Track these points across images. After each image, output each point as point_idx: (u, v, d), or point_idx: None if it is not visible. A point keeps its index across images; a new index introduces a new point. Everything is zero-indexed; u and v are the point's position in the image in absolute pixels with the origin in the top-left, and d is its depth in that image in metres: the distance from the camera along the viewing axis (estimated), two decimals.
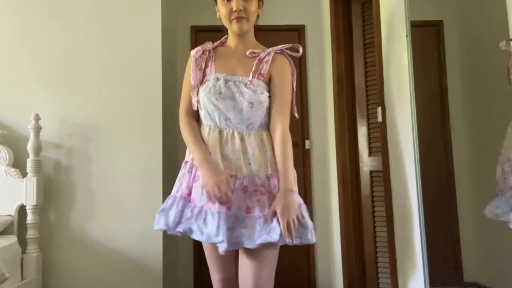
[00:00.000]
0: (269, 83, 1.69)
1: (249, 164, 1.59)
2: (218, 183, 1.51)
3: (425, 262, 1.95)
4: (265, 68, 1.67)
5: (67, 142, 2.79)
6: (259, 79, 1.66)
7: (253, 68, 1.66)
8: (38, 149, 2.64)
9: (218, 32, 1.78)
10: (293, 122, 1.71)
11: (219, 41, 1.78)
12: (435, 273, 1.97)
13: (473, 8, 2.20)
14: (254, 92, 1.63)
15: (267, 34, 1.79)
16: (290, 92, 1.71)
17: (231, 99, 1.62)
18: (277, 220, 1.48)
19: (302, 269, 3.41)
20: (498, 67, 1.67)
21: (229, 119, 1.63)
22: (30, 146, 2.62)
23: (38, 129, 2.65)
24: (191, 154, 1.65)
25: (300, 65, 3.56)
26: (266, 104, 1.66)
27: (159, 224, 1.59)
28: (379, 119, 2.42)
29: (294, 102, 1.74)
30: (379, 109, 2.41)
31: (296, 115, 1.76)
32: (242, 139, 1.62)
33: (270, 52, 1.69)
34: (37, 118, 2.65)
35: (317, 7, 3.60)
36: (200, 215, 1.55)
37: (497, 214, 1.66)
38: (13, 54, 2.85)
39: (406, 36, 2.08)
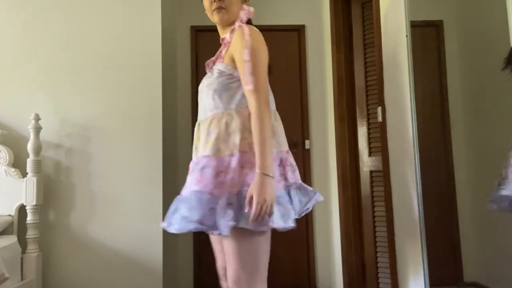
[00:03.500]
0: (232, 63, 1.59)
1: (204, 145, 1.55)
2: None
3: (425, 262, 1.95)
4: (226, 49, 1.62)
5: (67, 142, 2.79)
6: (220, 62, 1.63)
7: (217, 53, 1.67)
8: (38, 149, 2.64)
9: (218, 32, 1.77)
10: (293, 122, 1.70)
11: None
12: (435, 273, 1.97)
13: (473, 8, 2.20)
14: (209, 78, 1.63)
15: (267, 34, 1.77)
16: (244, 64, 1.52)
17: (201, 92, 1.66)
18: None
19: (302, 269, 3.41)
20: (498, 67, 1.67)
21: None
22: (30, 146, 2.62)
23: (38, 129, 2.65)
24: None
25: (300, 65, 3.56)
26: (213, 86, 1.57)
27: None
28: (379, 119, 2.42)
29: (248, 73, 1.49)
30: (379, 109, 2.41)
31: (249, 87, 1.49)
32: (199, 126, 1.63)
33: (232, 29, 1.61)
34: (37, 118, 2.65)
35: (317, 7, 3.60)
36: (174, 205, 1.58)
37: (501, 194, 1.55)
38: (13, 54, 2.85)
39: (406, 36, 2.08)
